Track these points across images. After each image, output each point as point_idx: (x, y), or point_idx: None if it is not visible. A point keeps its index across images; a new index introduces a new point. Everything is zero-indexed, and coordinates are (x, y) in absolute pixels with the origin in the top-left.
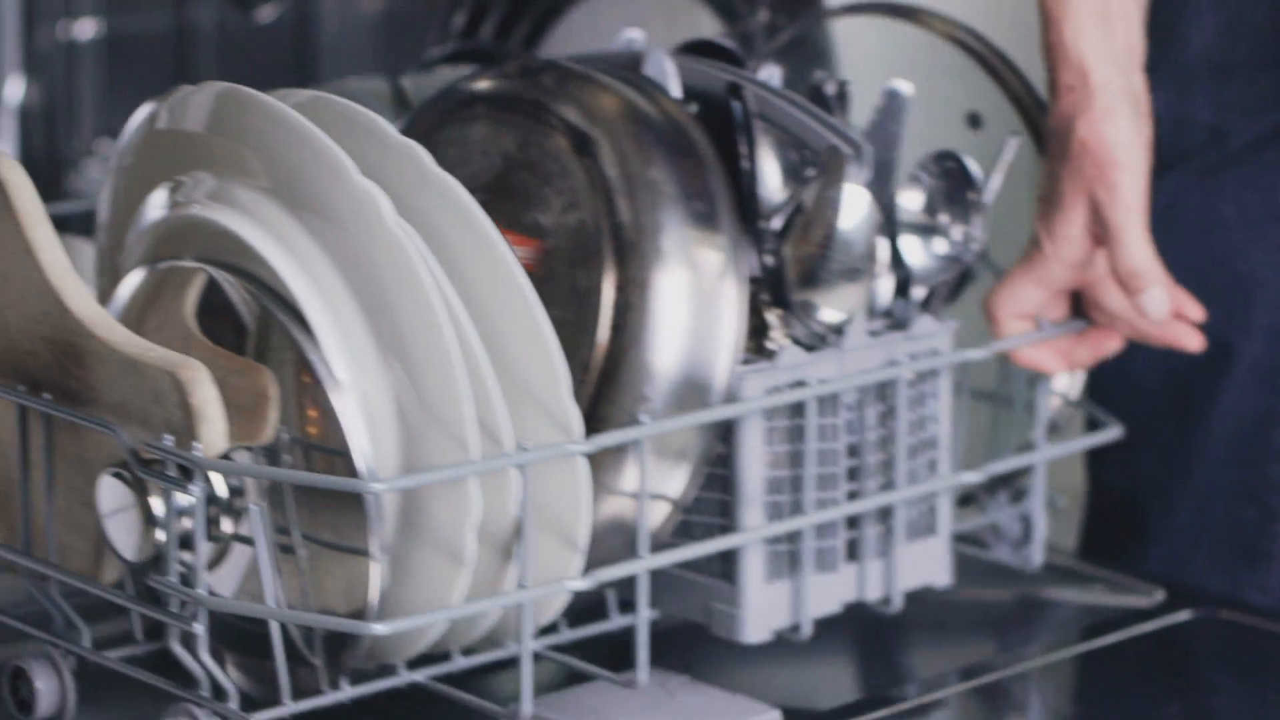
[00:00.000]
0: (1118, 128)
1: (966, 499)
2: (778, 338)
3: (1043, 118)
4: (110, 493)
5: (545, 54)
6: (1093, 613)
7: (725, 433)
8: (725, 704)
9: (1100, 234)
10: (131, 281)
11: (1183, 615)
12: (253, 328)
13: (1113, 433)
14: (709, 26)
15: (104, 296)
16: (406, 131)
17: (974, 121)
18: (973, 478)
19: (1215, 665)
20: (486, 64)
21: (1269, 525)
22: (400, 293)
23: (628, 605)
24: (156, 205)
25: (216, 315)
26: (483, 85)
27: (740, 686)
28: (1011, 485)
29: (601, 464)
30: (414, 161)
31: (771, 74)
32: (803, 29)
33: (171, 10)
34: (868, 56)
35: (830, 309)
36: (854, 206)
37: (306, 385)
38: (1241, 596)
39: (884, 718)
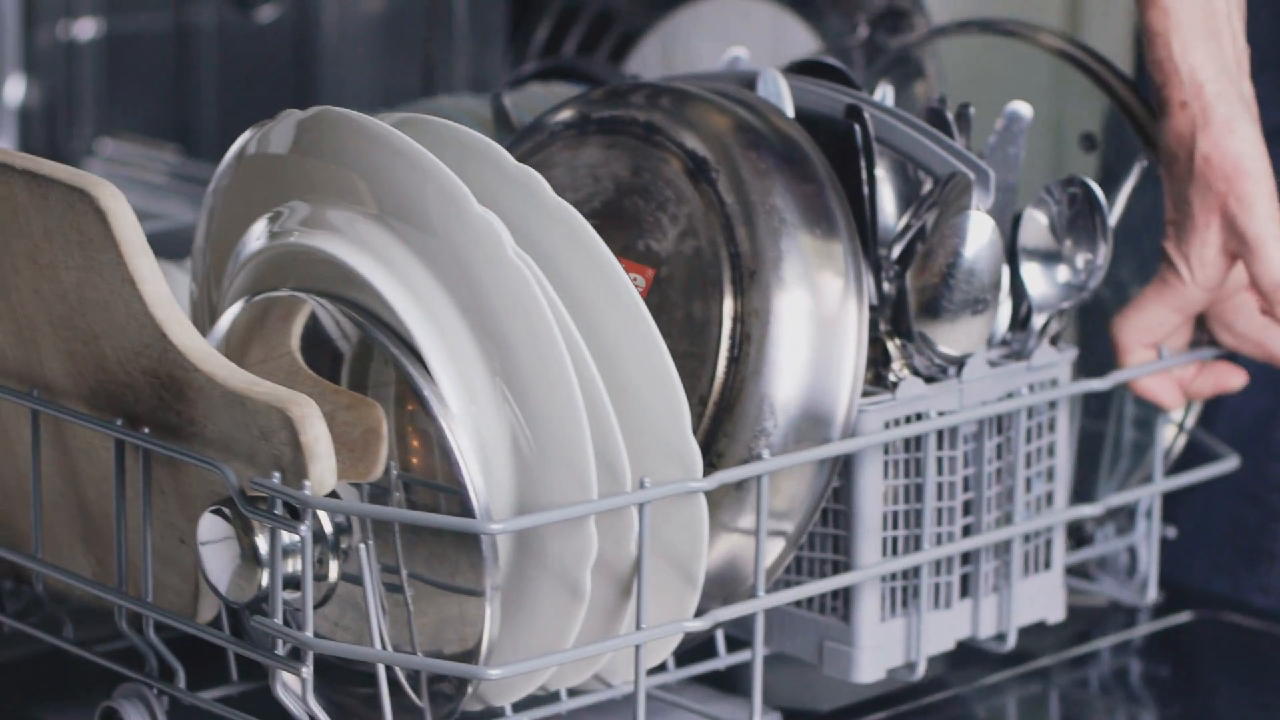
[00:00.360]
0: (1241, 138)
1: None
2: (897, 369)
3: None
4: (212, 531)
5: (631, 70)
6: (1094, 614)
7: (842, 467)
8: (725, 706)
9: (1237, 250)
10: (232, 312)
11: (1183, 616)
12: (349, 357)
13: (1229, 463)
14: (801, 40)
15: (196, 320)
16: (510, 153)
17: (1089, 143)
18: (1091, 511)
19: (1216, 667)
20: (578, 81)
21: (1270, 525)
22: (519, 326)
23: (734, 641)
24: (256, 235)
25: (309, 345)
26: (593, 106)
27: (740, 688)
28: (1118, 516)
29: (717, 500)
30: (532, 189)
31: (885, 94)
32: (910, 46)
33: (171, 10)
34: (968, 73)
35: (952, 343)
36: (978, 235)
37: (409, 414)
38: (1243, 598)
39: (883, 718)
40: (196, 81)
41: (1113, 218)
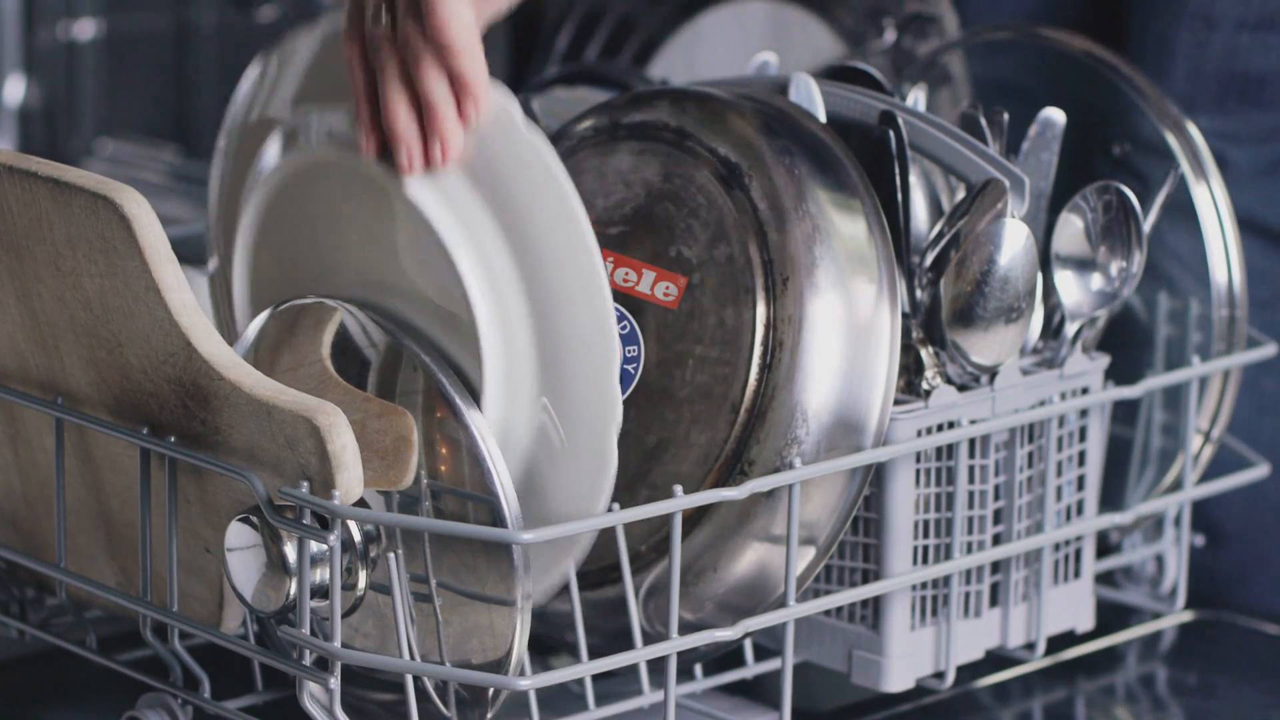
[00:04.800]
0: None
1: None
2: (930, 377)
3: (1189, 145)
4: (239, 539)
5: (655, 76)
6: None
7: (873, 475)
8: (725, 705)
9: None
10: (260, 320)
11: (1185, 616)
12: (376, 364)
13: (1260, 470)
14: (824, 44)
15: (214, 294)
16: None
17: (1120, 150)
18: (1122, 519)
19: (1217, 667)
20: (602, 86)
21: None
22: (573, 332)
23: (761, 649)
24: (273, 154)
25: (337, 352)
26: (622, 112)
27: (739, 688)
28: (1145, 524)
29: (748, 508)
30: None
31: (918, 100)
32: (943, 51)
33: (171, 10)
34: (996, 78)
35: (985, 352)
36: (1013, 242)
37: (437, 421)
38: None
39: (883, 718)
40: (196, 81)
41: (1146, 225)
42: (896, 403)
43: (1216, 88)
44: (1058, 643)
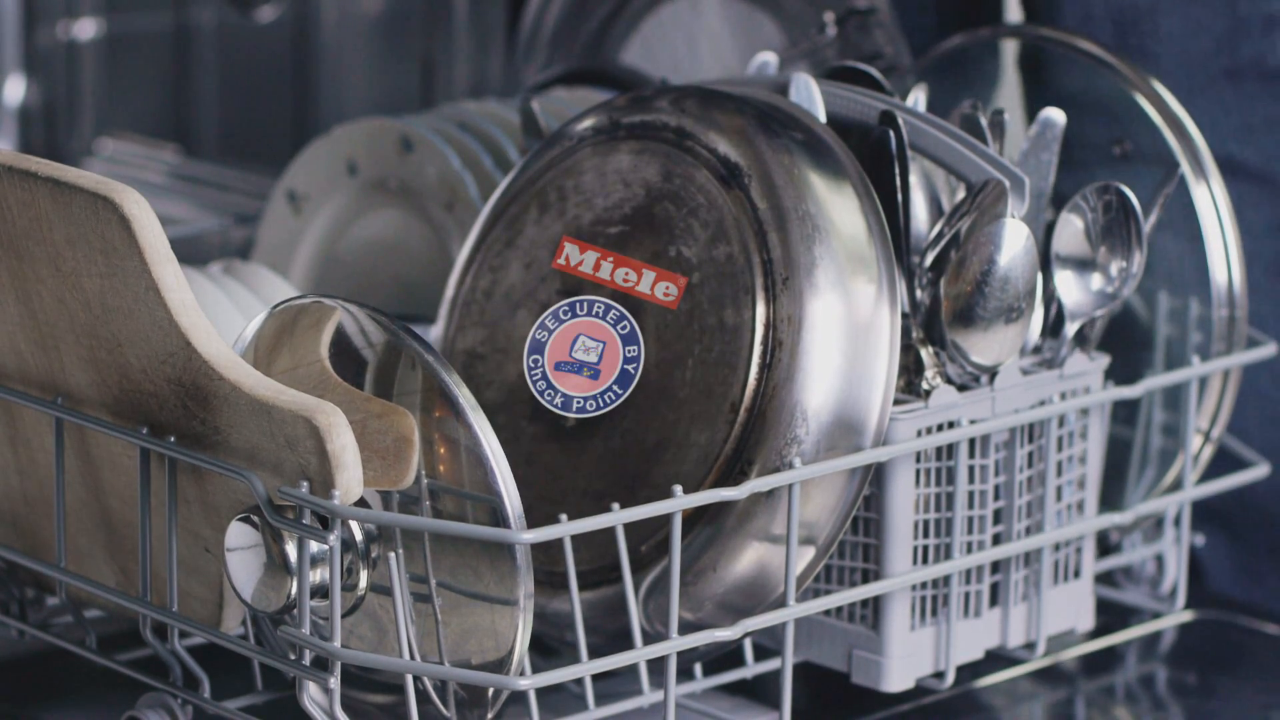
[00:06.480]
0: None
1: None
2: (929, 377)
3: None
4: (240, 538)
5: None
6: (1095, 613)
7: (873, 475)
8: (725, 705)
9: None
10: (259, 320)
11: (1186, 616)
12: (373, 364)
13: (1260, 470)
14: (771, 38)
15: None
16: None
17: (1119, 150)
18: (1122, 519)
19: (1217, 667)
20: (602, 86)
21: None
22: None
23: (761, 649)
24: None
25: (335, 352)
26: (622, 112)
27: (739, 688)
28: (1145, 524)
29: (748, 508)
30: None
31: (918, 99)
32: (941, 52)
33: (171, 10)
34: (988, 78)
35: (985, 352)
36: (1013, 242)
37: (435, 421)
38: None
39: (883, 718)
40: (196, 81)
41: (1147, 225)
42: (896, 403)
43: (1111, 27)
44: (1055, 641)
